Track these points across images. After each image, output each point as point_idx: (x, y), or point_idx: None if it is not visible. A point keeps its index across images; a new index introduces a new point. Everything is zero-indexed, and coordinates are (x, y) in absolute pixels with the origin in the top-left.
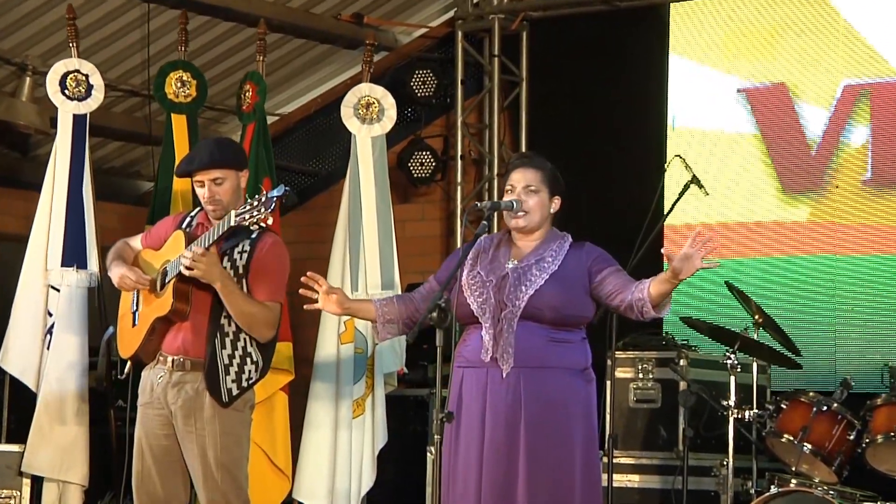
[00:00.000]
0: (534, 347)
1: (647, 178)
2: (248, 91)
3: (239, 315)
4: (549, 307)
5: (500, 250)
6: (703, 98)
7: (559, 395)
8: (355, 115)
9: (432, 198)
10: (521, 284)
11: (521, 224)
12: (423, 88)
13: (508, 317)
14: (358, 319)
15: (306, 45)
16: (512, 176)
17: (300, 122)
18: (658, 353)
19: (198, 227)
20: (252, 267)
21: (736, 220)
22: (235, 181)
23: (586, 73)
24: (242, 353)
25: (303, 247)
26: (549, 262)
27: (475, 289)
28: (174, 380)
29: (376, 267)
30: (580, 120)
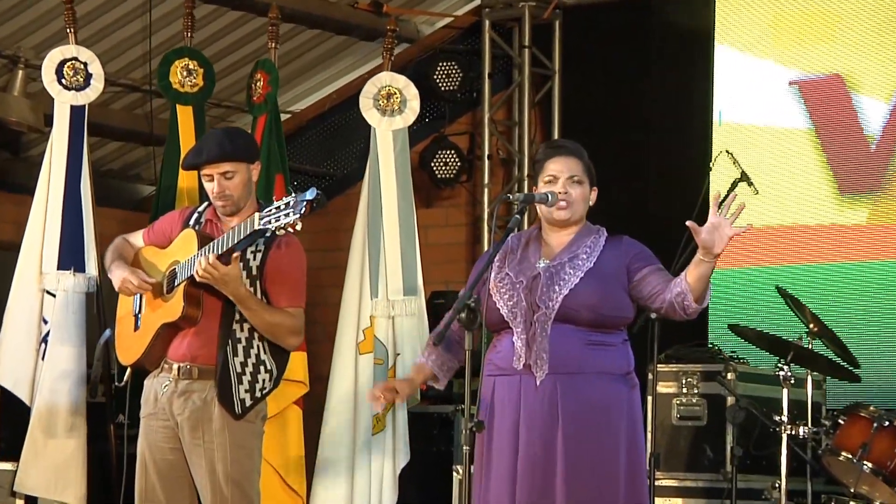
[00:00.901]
0: (570, 352)
1: (690, 178)
2: (260, 80)
3: (262, 326)
4: (585, 307)
5: (530, 249)
6: (751, 91)
7: (600, 402)
8: (375, 106)
9: (457, 201)
10: (555, 284)
11: (565, 216)
12: (447, 82)
13: (542, 319)
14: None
15: (321, 35)
16: (549, 165)
17: (314, 119)
18: (703, 365)
19: (206, 224)
20: (268, 270)
21: (788, 223)
22: (246, 175)
23: (624, 64)
24: (256, 361)
25: (318, 255)
26: (583, 260)
27: (504, 291)
28: (180, 388)
29: (398, 271)
30: (617, 116)
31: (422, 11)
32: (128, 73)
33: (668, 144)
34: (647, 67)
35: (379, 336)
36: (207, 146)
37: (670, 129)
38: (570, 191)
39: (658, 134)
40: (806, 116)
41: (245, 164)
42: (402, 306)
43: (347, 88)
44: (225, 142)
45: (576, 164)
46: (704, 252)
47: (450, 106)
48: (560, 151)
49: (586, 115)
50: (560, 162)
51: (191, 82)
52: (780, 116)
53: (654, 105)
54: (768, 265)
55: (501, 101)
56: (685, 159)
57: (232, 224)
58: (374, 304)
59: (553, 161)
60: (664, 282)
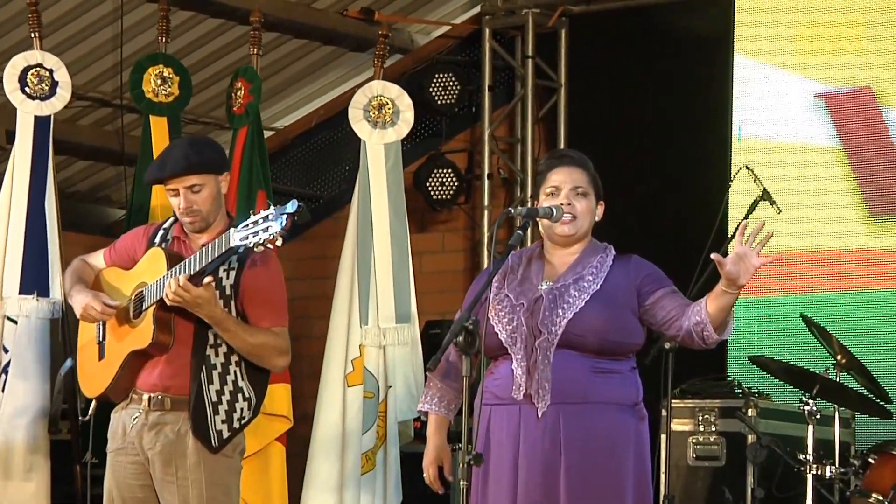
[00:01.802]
0: (575, 380)
1: (707, 197)
2: (240, 90)
3: (245, 349)
4: (591, 332)
5: (532, 268)
6: (773, 105)
7: (606, 435)
8: (365, 117)
9: (454, 225)
10: (558, 308)
11: (569, 231)
12: (443, 95)
13: (544, 345)
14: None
15: (307, 46)
16: (552, 176)
17: (299, 137)
18: (722, 401)
19: (174, 242)
20: (245, 289)
21: (813, 247)
22: (215, 187)
23: (636, 76)
24: (233, 389)
25: (304, 284)
26: (589, 281)
27: (503, 314)
28: (151, 421)
29: (390, 296)
30: (628, 132)
31: (417, 19)
32: (97, 86)
33: (684, 162)
34: (661, 79)
35: (369, 367)
36: (171, 158)
37: (686, 146)
38: (574, 203)
39: (673, 151)
40: (833, 132)
41: (213, 175)
42: (394, 335)
43: (335, 103)
44: (190, 152)
45: (580, 174)
46: (728, 283)
47: (447, 121)
48: (563, 161)
49: (594, 130)
50: (563, 172)
51: (165, 91)
52: (805, 132)
53: (669, 120)
54: (792, 293)
55: (503, 116)
56: (702, 178)
57: (202, 241)
58: (364, 332)
59: (556, 171)
60: (680, 307)
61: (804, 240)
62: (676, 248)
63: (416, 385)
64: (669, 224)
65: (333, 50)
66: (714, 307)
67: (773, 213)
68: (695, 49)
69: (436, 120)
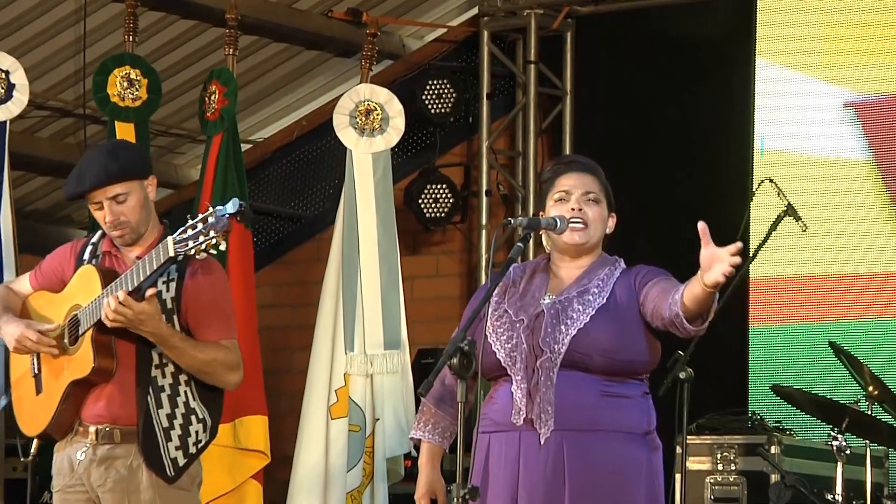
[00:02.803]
0: (581, 404)
1: (727, 215)
2: (215, 93)
3: (195, 367)
4: (598, 351)
5: (534, 282)
6: (799, 114)
7: (614, 466)
8: (352, 124)
9: (449, 247)
10: (560, 324)
11: (580, 240)
12: (437, 104)
13: (546, 366)
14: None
15: (288, 50)
16: (562, 181)
17: (279, 151)
18: (743, 437)
19: (105, 258)
20: (187, 301)
21: (842, 270)
22: (142, 193)
23: (648, 84)
24: (185, 411)
25: (284, 312)
26: (594, 294)
27: (502, 332)
28: (100, 455)
29: (377, 320)
30: (640, 143)
31: (409, 21)
32: (57, 94)
33: (702, 178)
34: (676, 87)
35: (354, 398)
36: (90, 169)
37: (704, 160)
38: (585, 209)
39: (689, 165)
40: (864, 144)
41: (137, 181)
42: (382, 362)
43: (319, 114)
44: (109, 160)
45: (592, 181)
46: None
47: (441, 133)
48: (573, 167)
49: (603, 143)
50: (574, 177)
51: (132, 95)
52: (834, 144)
53: (685, 132)
54: (818, 320)
55: (502, 127)
56: (721, 194)
57: (135, 254)
58: (349, 359)
59: (566, 177)
60: (663, 293)
61: (832, 262)
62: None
63: (407, 418)
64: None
65: (317, 55)
66: (688, 297)
67: (798, 231)
68: (713, 54)
69: (429, 131)
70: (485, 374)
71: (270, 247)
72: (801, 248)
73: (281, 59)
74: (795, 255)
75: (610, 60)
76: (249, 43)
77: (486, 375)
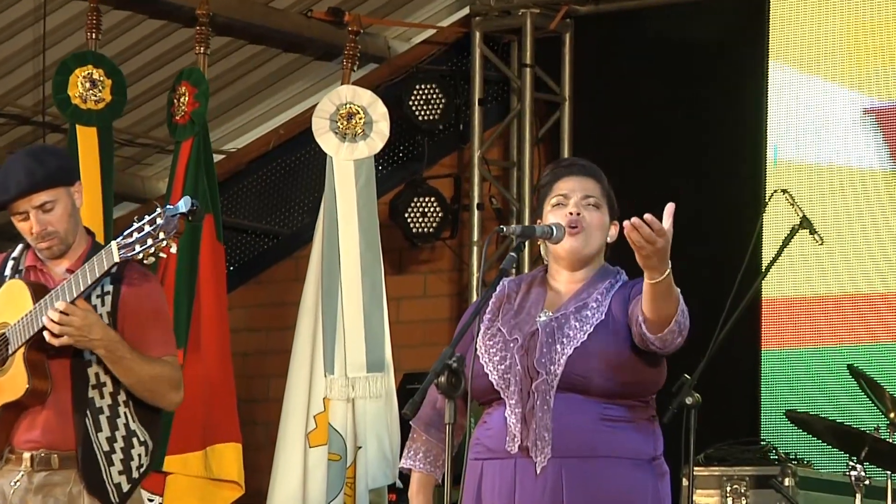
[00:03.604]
0: (580, 430)
1: (737, 228)
2: (184, 95)
3: (140, 383)
4: (596, 372)
5: (531, 298)
6: (815, 122)
7: (618, 494)
8: (332, 128)
9: (438, 265)
10: (556, 343)
11: (578, 245)
12: (426, 111)
13: (542, 388)
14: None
15: (264, 53)
16: (560, 185)
17: (254, 162)
18: (754, 468)
19: (29, 272)
20: (124, 314)
21: (862, 289)
22: (69, 201)
23: (653, 89)
24: (126, 434)
25: (258, 337)
26: (593, 310)
27: (495, 352)
28: (37, 483)
29: (360, 341)
30: (644, 153)
31: (395, 22)
32: (14, 100)
33: (711, 190)
34: (683, 93)
35: (335, 424)
36: (12, 176)
37: (712, 171)
38: (584, 213)
39: (696, 176)
40: (884, 153)
41: (64, 188)
42: (364, 386)
43: (298, 122)
44: (33, 166)
45: (593, 185)
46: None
47: (429, 141)
48: (573, 170)
49: (604, 152)
50: (573, 181)
51: (95, 96)
52: (852, 153)
53: (692, 140)
54: (836, 344)
55: (496, 136)
56: (731, 207)
57: (62, 267)
58: (329, 382)
59: (564, 180)
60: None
61: (850, 281)
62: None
63: (392, 446)
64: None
65: (296, 58)
66: (644, 301)
67: (813, 247)
68: (723, 56)
69: (416, 140)
70: (477, 398)
71: (245, 266)
72: (817, 265)
73: (256, 62)
74: (811, 274)
75: (611, 64)
76: (222, 45)
77: (479, 399)
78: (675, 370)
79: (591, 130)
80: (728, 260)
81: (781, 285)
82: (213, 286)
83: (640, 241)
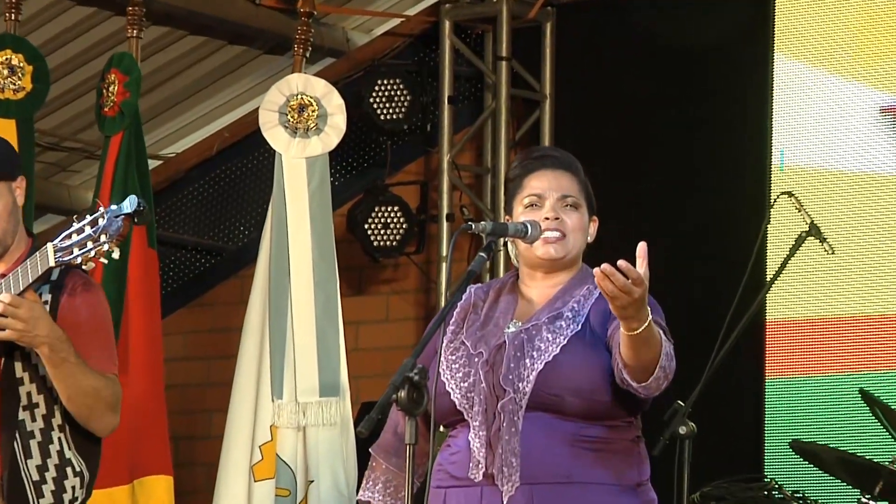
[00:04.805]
0: (552, 454)
1: (738, 241)
2: (114, 83)
3: (79, 395)
4: (570, 390)
5: (499, 307)
6: (826, 122)
7: None
8: (282, 122)
9: (402, 285)
10: (525, 357)
11: (557, 254)
12: (388, 109)
13: (509, 408)
14: (283, 440)
15: (207, 46)
16: (532, 182)
17: (195, 169)
18: None
19: None
20: (63, 325)
21: (876, 310)
22: (9, 198)
23: (644, 86)
24: (59, 462)
25: (199, 366)
26: (568, 320)
27: (458, 369)
28: None
29: (312, 362)
30: (635, 157)
31: (355, 10)
32: None
33: (709, 198)
34: (678, 90)
35: (283, 455)
36: None
37: (711, 177)
38: (562, 217)
39: (694, 184)
40: None
41: (5, 183)
42: (317, 412)
43: (245, 124)
44: None
45: (569, 181)
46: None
47: (393, 144)
48: (546, 163)
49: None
50: (547, 177)
51: (14, 85)
52: (867, 158)
53: (688, 143)
54: (847, 371)
55: (468, 138)
56: (732, 216)
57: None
58: (277, 408)
59: (536, 176)
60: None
61: (864, 301)
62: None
63: (347, 479)
64: (688, 275)
65: (243, 51)
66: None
67: (823, 266)
68: (723, 50)
69: (378, 142)
70: (440, 420)
71: (184, 286)
72: (826, 282)
73: (198, 56)
74: (820, 293)
75: (598, 57)
76: (159, 35)
77: (442, 421)
78: (667, 396)
79: (575, 132)
80: (727, 274)
81: (787, 306)
82: (143, 298)
83: (615, 292)
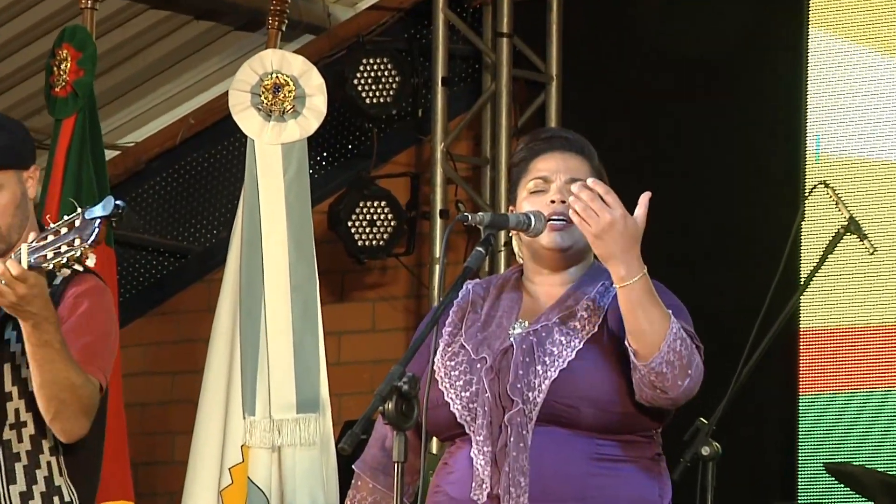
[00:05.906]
0: (565, 473)
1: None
2: (66, 61)
3: (54, 384)
4: (587, 401)
5: (501, 305)
6: (869, 107)
7: None
8: (255, 104)
9: (390, 290)
10: (536, 363)
11: (562, 242)
12: (375, 92)
13: (517, 421)
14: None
15: (170, 21)
16: (538, 164)
17: (157, 160)
18: None
19: None
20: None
21: None
22: (18, 189)
23: (662, 66)
24: (46, 489)
25: (162, 381)
26: (582, 320)
27: (457, 375)
28: None
29: (288, 375)
30: (652, 146)
31: None
32: None
33: (736, 191)
34: (700, 71)
35: (255, 479)
36: None
37: (739, 168)
38: (569, 201)
39: (719, 175)
40: None
41: (14, 171)
42: (293, 430)
43: (213, 109)
44: None
45: (580, 163)
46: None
47: (380, 132)
48: (554, 145)
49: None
50: (555, 159)
51: None
52: None
53: (712, 129)
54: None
55: (464, 124)
56: (761, 212)
57: None
58: (249, 426)
59: (543, 158)
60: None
61: None
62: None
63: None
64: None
65: (211, 27)
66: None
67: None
68: (750, 23)
69: (363, 129)
70: (437, 434)
71: (144, 292)
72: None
73: (160, 33)
74: (860, 298)
75: (609, 34)
76: (116, 9)
77: (439, 435)
78: (688, 413)
79: (584, 117)
80: (755, 276)
81: (822, 312)
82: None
83: (586, 211)
